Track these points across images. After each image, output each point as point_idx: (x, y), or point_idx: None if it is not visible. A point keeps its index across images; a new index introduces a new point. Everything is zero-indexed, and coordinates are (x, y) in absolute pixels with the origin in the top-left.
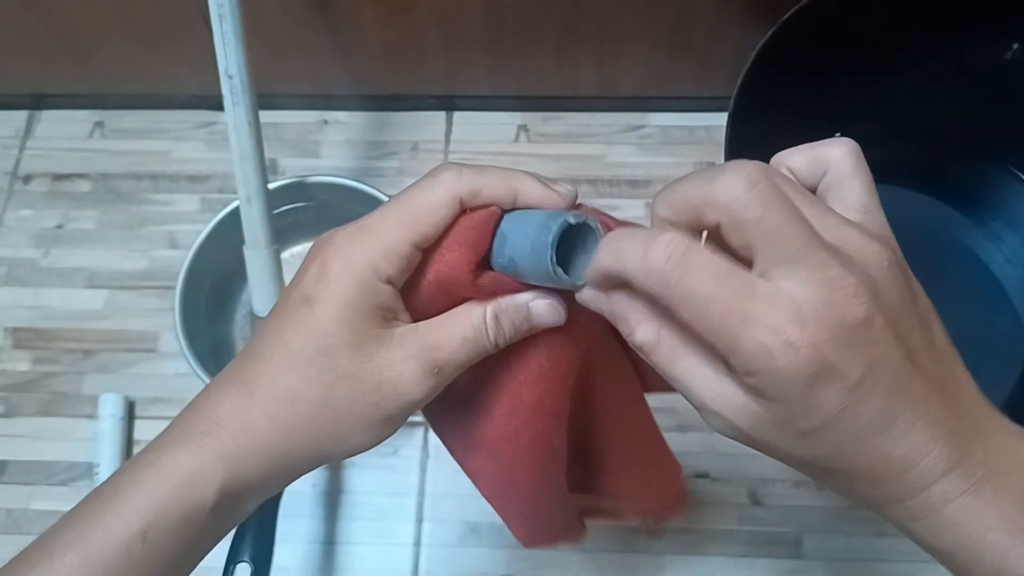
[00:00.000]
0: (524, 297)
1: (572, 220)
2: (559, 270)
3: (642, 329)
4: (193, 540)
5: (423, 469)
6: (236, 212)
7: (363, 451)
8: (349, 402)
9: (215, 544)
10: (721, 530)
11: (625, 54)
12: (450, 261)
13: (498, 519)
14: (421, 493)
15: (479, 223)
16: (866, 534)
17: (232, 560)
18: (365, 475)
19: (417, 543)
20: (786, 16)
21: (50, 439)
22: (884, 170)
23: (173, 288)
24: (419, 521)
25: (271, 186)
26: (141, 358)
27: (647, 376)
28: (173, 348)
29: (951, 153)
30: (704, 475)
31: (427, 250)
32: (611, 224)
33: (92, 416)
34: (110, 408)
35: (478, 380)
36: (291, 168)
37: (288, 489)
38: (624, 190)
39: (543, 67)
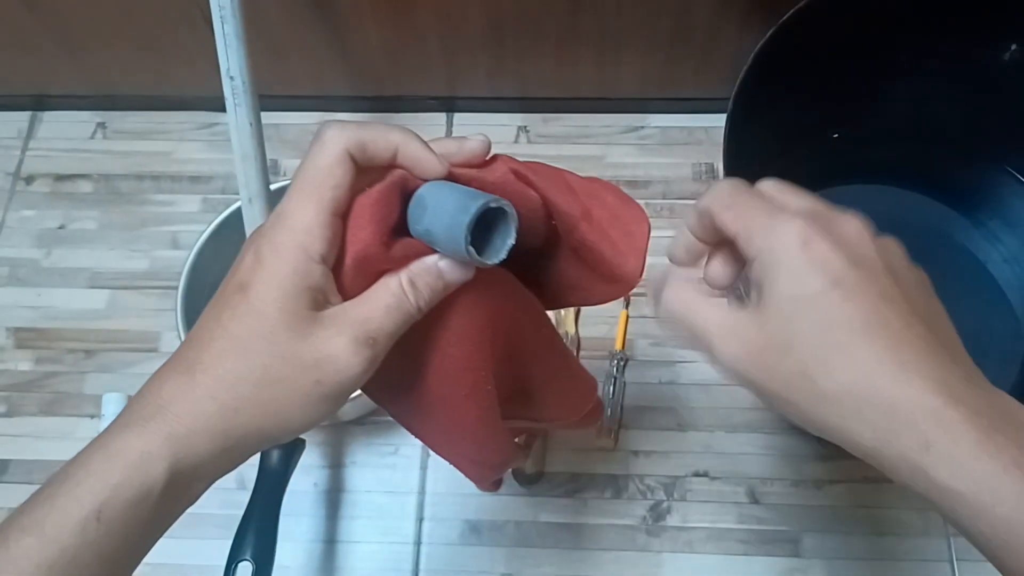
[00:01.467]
0: (433, 258)
1: (492, 204)
2: (472, 251)
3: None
4: (146, 520)
5: (423, 468)
6: (238, 213)
7: (306, 430)
8: (290, 381)
9: (168, 526)
10: (720, 528)
11: (624, 56)
12: (362, 239)
13: (498, 517)
14: (422, 492)
15: (382, 196)
16: (865, 533)
17: (234, 559)
18: (366, 474)
19: (417, 541)
20: (785, 17)
21: (52, 439)
22: (882, 170)
23: (175, 288)
24: (419, 520)
25: (273, 187)
26: (143, 358)
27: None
28: (174, 348)
29: (949, 153)
30: (703, 474)
31: (344, 230)
32: (530, 179)
33: (94, 416)
34: (113, 407)
35: (407, 355)
36: (292, 169)
37: (289, 488)
38: (624, 190)
39: (543, 69)
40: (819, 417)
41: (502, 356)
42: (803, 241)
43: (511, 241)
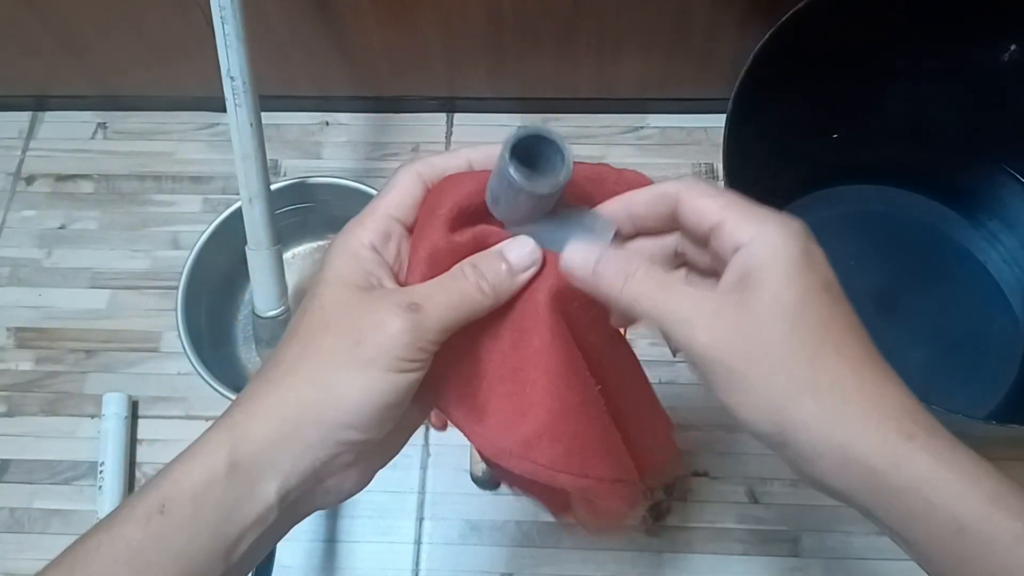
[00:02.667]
0: (497, 246)
1: (533, 132)
2: (514, 173)
3: (637, 260)
4: (212, 514)
5: (424, 467)
6: (238, 213)
7: (366, 414)
8: (330, 348)
9: (249, 525)
10: (719, 528)
11: (624, 56)
12: (431, 236)
13: (499, 517)
14: (422, 491)
15: (442, 189)
16: (864, 533)
17: None
18: None
19: (418, 541)
20: (784, 18)
21: (53, 438)
22: (881, 171)
23: (175, 288)
24: (420, 519)
25: (273, 187)
26: (144, 358)
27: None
28: (175, 348)
29: (949, 154)
30: (703, 474)
31: (413, 234)
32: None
33: (95, 415)
34: (114, 407)
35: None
36: (293, 169)
37: None
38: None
39: (543, 69)
40: (790, 404)
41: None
42: (806, 238)
43: (564, 169)
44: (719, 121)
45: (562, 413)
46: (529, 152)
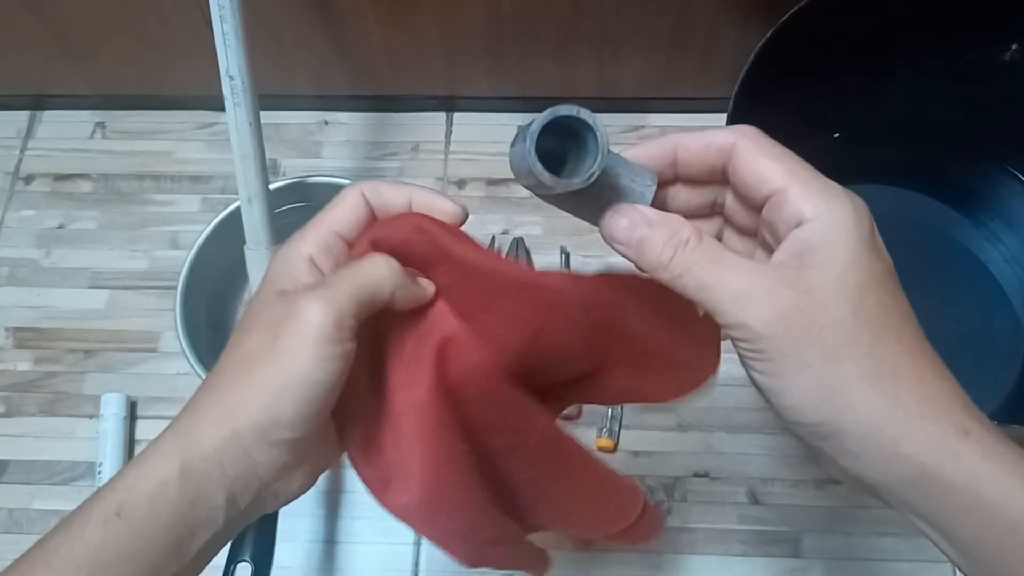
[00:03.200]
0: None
1: (563, 112)
2: (536, 168)
3: (687, 229)
4: (167, 519)
5: None
6: (237, 212)
7: (304, 392)
8: (254, 348)
9: (199, 532)
10: (720, 529)
11: (624, 55)
12: (359, 252)
13: None
14: None
15: (384, 225)
16: (865, 533)
17: (233, 559)
18: None
19: (417, 542)
20: (785, 17)
21: (52, 438)
22: (883, 170)
23: (174, 288)
24: None
25: (272, 186)
26: (142, 358)
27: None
28: (174, 348)
29: (950, 153)
30: (703, 474)
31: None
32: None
33: (93, 416)
34: (112, 407)
35: (384, 411)
36: (292, 168)
37: None
38: None
39: (543, 68)
40: (844, 392)
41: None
42: (871, 221)
43: (598, 159)
44: (719, 121)
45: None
46: (558, 129)
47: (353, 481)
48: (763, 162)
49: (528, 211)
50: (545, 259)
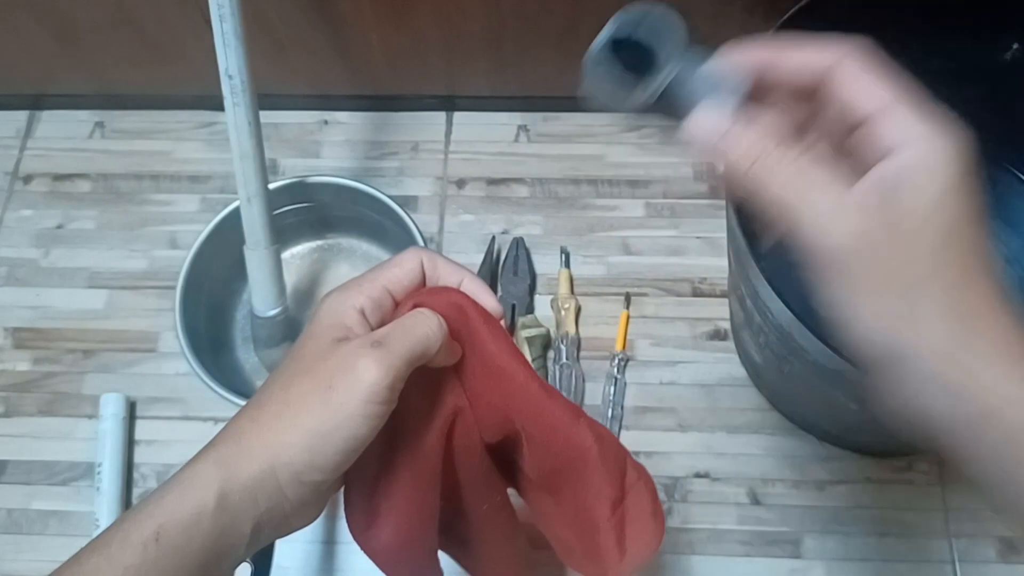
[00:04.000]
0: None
1: (629, 19)
2: (607, 83)
3: (772, 140)
4: (200, 544)
5: None
6: (236, 212)
7: (343, 441)
8: (307, 393)
9: (228, 559)
10: (721, 530)
11: None
12: (402, 313)
13: None
14: None
15: (424, 292)
16: (866, 534)
17: None
18: None
19: None
20: (785, 16)
21: (50, 439)
22: None
23: (173, 288)
24: None
25: (271, 186)
26: (141, 358)
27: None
28: (173, 348)
29: None
30: (704, 475)
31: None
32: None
33: (92, 416)
34: (111, 408)
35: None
36: (291, 168)
37: None
38: (624, 190)
39: (543, 67)
40: (921, 321)
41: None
42: (970, 159)
43: (673, 56)
44: None
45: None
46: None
47: None
48: (865, 82)
49: (528, 211)
50: (545, 259)
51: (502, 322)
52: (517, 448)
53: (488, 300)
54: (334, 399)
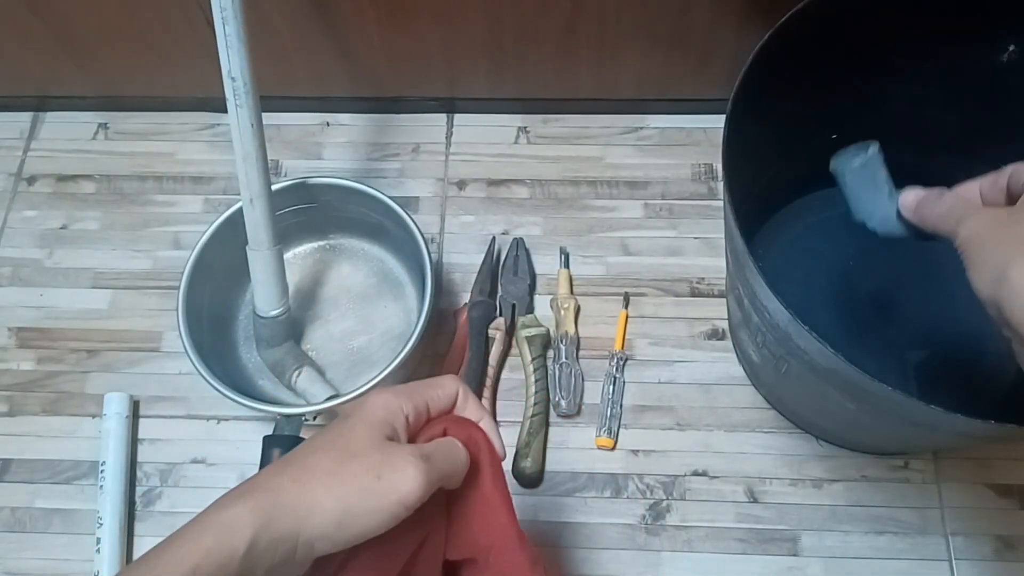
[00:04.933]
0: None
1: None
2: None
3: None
4: None
5: None
6: (239, 213)
7: (365, 527)
8: (356, 474)
9: None
10: (718, 527)
11: (624, 57)
12: (431, 432)
13: None
14: None
15: (454, 419)
16: (863, 532)
17: None
18: None
19: None
20: (784, 18)
21: (54, 437)
22: None
23: (176, 288)
24: None
25: (274, 187)
26: (145, 357)
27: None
28: (176, 347)
29: (948, 154)
30: (702, 473)
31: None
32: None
33: (96, 415)
34: (115, 407)
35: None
36: (293, 170)
37: None
38: (623, 191)
39: (543, 70)
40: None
41: None
42: None
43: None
44: (718, 121)
45: None
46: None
47: None
48: None
49: (528, 211)
50: (545, 259)
51: (504, 463)
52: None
53: (498, 442)
54: (378, 488)
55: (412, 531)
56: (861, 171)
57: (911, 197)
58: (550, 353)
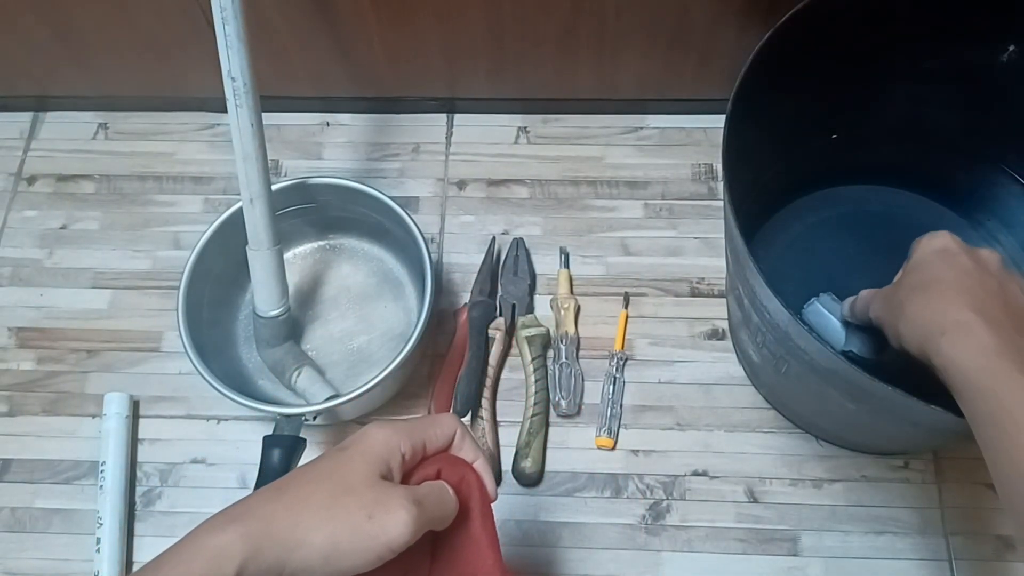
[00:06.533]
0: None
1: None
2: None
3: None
4: None
5: None
6: (239, 213)
7: (350, 564)
8: (349, 511)
9: None
10: (719, 527)
11: (623, 57)
12: (426, 472)
13: (498, 516)
14: None
15: (449, 460)
16: (863, 532)
17: None
18: None
19: None
20: (783, 19)
21: (54, 438)
22: (880, 171)
23: (176, 288)
24: None
25: (274, 187)
26: (145, 357)
27: None
28: (176, 347)
29: (947, 154)
30: (702, 473)
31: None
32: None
33: (96, 415)
34: (115, 407)
35: None
36: (294, 169)
37: None
38: (623, 191)
39: (543, 70)
40: (895, 326)
41: None
42: (940, 238)
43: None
44: (718, 121)
45: None
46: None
47: None
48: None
49: (528, 211)
50: (545, 259)
51: (492, 505)
52: None
53: (490, 484)
54: (368, 529)
55: (394, 569)
56: (815, 316)
57: (845, 307)
58: (550, 353)
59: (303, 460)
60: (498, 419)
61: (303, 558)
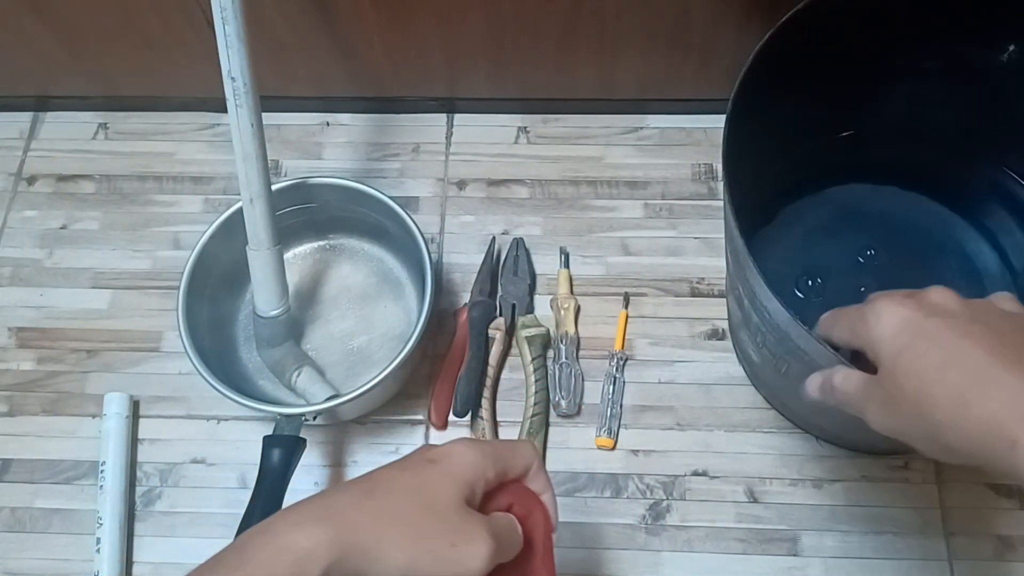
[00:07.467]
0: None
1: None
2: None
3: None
4: None
5: None
6: (239, 213)
7: None
8: (433, 534)
9: None
10: (719, 527)
11: (624, 57)
12: (500, 504)
13: None
14: None
15: (521, 492)
16: (863, 532)
17: None
18: None
19: None
20: (784, 18)
21: (54, 438)
22: (880, 171)
23: (177, 288)
24: None
25: (274, 187)
26: (145, 357)
27: None
28: (177, 347)
29: (947, 154)
30: (702, 473)
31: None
32: None
33: (96, 415)
34: (115, 407)
35: None
36: (294, 169)
37: (290, 487)
38: (623, 191)
39: (543, 70)
40: (936, 441)
41: None
42: (891, 314)
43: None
44: (718, 122)
45: None
46: None
47: None
48: (832, 333)
49: (528, 211)
50: (545, 259)
51: (553, 535)
52: None
53: (554, 516)
54: (449, 556)
55: None
56: None
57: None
58: (550, 353)
59: (303, 461)
60: (498, 419)
61: (381, 572)
